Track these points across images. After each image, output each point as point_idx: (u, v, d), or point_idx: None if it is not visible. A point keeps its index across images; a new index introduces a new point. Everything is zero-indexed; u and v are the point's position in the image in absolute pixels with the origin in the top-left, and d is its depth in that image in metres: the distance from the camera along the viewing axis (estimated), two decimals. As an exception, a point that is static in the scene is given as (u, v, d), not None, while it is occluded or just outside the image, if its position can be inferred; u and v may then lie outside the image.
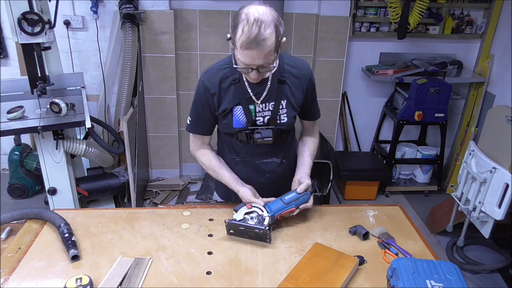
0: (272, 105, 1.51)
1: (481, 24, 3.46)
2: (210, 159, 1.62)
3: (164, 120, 3.50)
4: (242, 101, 1.49)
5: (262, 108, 1.51)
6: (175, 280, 1.27)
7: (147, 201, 3.40)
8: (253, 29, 1.24)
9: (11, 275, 1.28)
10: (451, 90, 3.24)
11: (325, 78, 3.44)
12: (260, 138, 1.51)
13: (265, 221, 1.43)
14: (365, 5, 3.36)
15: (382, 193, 3.61)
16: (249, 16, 1.26)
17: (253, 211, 1.46)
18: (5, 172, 3.58)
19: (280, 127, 1.54)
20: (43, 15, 2.20)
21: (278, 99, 1.51)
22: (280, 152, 1.63)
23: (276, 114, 1.52)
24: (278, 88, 1.50)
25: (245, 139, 1.55)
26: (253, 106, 1.51)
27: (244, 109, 1.50)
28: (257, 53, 1.28)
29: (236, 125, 1.53)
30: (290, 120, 1.55)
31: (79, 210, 2.01)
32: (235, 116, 1.51)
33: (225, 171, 1.60)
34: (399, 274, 1.19)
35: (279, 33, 1.30)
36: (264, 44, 1.27)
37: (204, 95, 1.52)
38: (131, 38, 3.03)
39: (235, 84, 1.49)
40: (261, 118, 1.53)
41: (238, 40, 1.28)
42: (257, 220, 1.44)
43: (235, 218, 1.44)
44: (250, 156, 1.61)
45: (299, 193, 1.51)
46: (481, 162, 2.40)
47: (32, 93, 2.30)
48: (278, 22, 1.30)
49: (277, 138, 1.56)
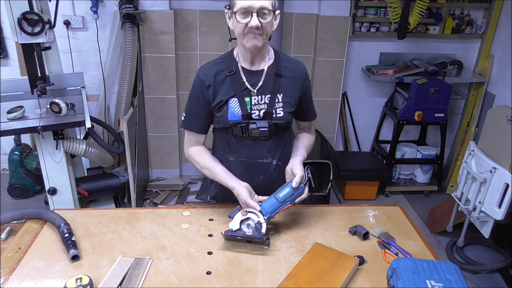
0: (268, 98, 1.50)
1: (481, 24, 3.46)
2: (204, 157, 1.59)
3: (164, 120, 3.50)
4: (238, 93, 1.49)
5: (258, 101, 1.50)
6: (175, 280, 1.27)
7: (147, 201, 3.40)
8: None
9: (11, 275, 1.28)
10: (451, 90, 3.24)
11: (325, 78, 3.44)
12: (256, 129, 1.49)
13: (263, 228, 1.40)
14: (365, 5, 3.36)
15: (382, 193, 3.61)
16: None
17: (248, 218, 1.42)
18: (5, 172, 3.58)
19: (276, 122, 1.53)
20: (43, 15, 2.20)
21: (274, 93, 1.51)
22: (276, 152, 1.59)
23: (272, 108, 1.51)
24: (274, 81, 1.50)
25: (240, 133, 1.52)
26: (249, 98, 1.50)
27: (239, 101, 1.49)
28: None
29: (231, 117, 1.51)
30: (286, 116, 1.53)
31: (79, 210, 2.01)
32: (230, 109, 1.50)
33: (220, 168, 1.55)
34: (399, 274, 1.19)
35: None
36: None
37: (199, 88, 1.52)
38: (131, 38, 3.03)
39: (230, 76, 1.49)
40: (256, 112, 1.51)
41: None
42: (254, 227, 1.40)
43: (231, 228, 1.40)
44: (245, 155, 1.57)
45: (294, 187, 1.44)
46: (481, 162, 2.40)
47: (32, 93, 2.30)
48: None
49: (273, 134, 1.54)
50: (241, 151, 1.58)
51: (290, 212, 1.63)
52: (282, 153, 1.61)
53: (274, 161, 1.60)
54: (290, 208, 1.64)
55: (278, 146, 1.59)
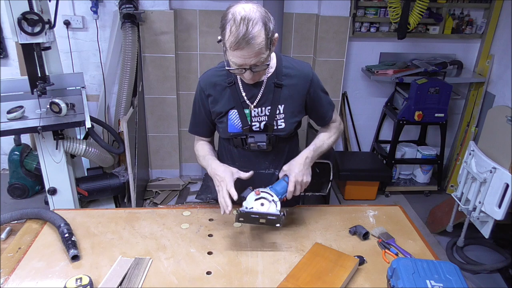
0: (269, 109, 1.47)
1: (481, 24, 3.46)
2: (203, 147, 1.60)
3: (164, 120, 3.50)
4: (237, 105, 1.47)
5: (258, 113, 1.48)
6: (175, 280, 1.27)
7: (147, 201, 3.40)
8: (241, 28, 1.21)
9: (11, 275, 1.28)
10: (451, 90, 3.24)
11: (325, 78, 3.44)
12: (254, 143, 1.47)
13: (277, 205, 1.38)
14: (365, 5, 3.36)
15: (382, 193, 3.61)
16: (235, 16, 1.23)
17: (262, 197, 1.40)
18: (5, 172, 3.58)
19: (278, 133, 1.49)
20: (43, 15, 2.20)
21: (275, 104, 1.46)
22: (278, 163, 1.56)
23: (272, 120, 1.48)
24: (274, 92, 1.46)
25: (241, 145, 1.51)
26: (248, 110, 1.47)
27: (239, 113, 1.47)
28: (248, 52, 1.25)
29: (231, 129, 1.50)
30: (288, 126, 1.49)
31: (79, 210, 2.01)
32: (230, 120, 1.49)
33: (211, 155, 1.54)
34: (399, 274, 1.19)
35: (268, 29, 1.26)
36: (254, 42, 1.23)
37: (200, 96, 1.53)
38: (131, 38, 3.03)
39: (230, 87, 1.46)
40: (257, 123, 1.48)
41: (227, 41, 1.25)
42: (269, 206, 1.38)
43: (245, 206, 1.37)
44: (247, 166, 1.54)
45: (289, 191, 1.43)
46: (481, 162, 2.40)
47: (32, 93, 2.30)
48: (266, 19, 1.26)
49: (274, 146, 1.51)
50: (243, 161, 1.57)
51: (290, 212, 1.63)
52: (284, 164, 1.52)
53: (276, 172, 1.58)
54: (291, 208, 1.65)
55: (281, 157, 1.57)
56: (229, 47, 1.26)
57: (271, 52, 1.34)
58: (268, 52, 1.30)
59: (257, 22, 1.23)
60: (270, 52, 1.32)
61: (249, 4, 1.27)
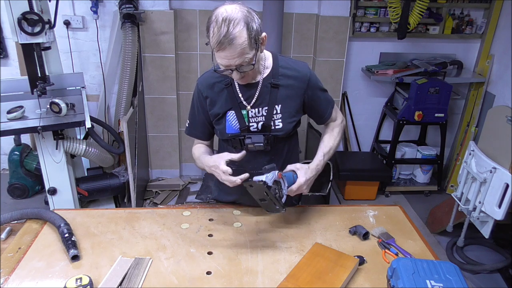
0: (266, 110, 1.47)
1: (481, 24, 3.46)
2: (199, 149, 1.59)
3: (164, 120, 3.50)
4: (235, 106, 1.47)
5: (255, 114, 1.48)
6: (175, 280, 1.27)
7: (147, 201, 3.40)
8: (222, 29, 1.23)
9: (11, 275, 1.28)
10: (451, 90, 3.24)
11: (325, 78, 3.44)
12: (251, 144, 1.47)
13: (283, 198, 1.37)
14: (365, 5, 3.36)
15: (382, 193, 3.61)
16: (217, 17, 1.24)
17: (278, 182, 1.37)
18: (5, 172, 3.58)
19: (276, 134, 1.50)
20: (43, 15, 2.20)
21: (272, 104, 1.47)
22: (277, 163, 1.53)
23: (269, 120, 1.48)
24: (271, 93, 1.46)
25: (239, 146, 1.52)
26: (246, 111, 1.48)
27: (236, 114, 1.48)
28: (230, 52, 1.26)
29: (229, 130, 1.50)
30: (286, 126, 1.50)
31: (79, 210, 2.01)
32: (228, 121, 1.50)
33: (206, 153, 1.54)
34: (399, 274, 1.19)
35: (251, 29, 1.26)
36: (235, 42, 1.24)
37: (198, 97, 1.53)
38: (131, 38, 3.04)
39: (227, 89, 1.47)
40: (254, 124, 1.49)
41: (211, 42, 1.27)
42: (278, 194, 1.37)
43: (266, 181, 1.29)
44: (246, 166, 1.53)
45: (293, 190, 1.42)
46: (481, 162, 2.40)
47: (32, 93, 2.30)
48: (249, 19, 1.27)
49: (273, 146, 1.52)
50: (242, 162, 1.54)
51: (290, 212, 1.63)
52: (284, 164, 1.53)
53: None
54: (291, 208, 1.65)
55: (279, 157, 1.57)
56: (213, 48, 1.28)
57: (258, 52, 1.33)
58: (253, 52, 1.30)
59: (238, 22, 1.24)
60: (256, 52, 1.32)
61: (232, 5, 1.28)
